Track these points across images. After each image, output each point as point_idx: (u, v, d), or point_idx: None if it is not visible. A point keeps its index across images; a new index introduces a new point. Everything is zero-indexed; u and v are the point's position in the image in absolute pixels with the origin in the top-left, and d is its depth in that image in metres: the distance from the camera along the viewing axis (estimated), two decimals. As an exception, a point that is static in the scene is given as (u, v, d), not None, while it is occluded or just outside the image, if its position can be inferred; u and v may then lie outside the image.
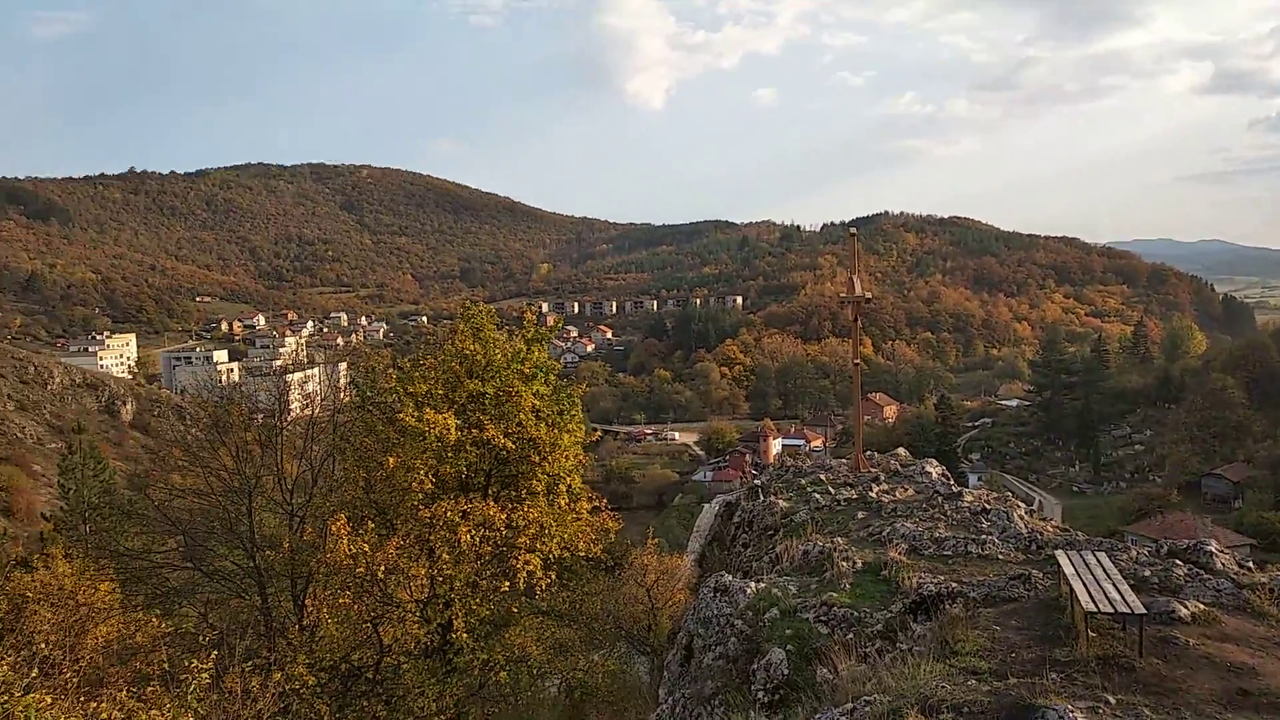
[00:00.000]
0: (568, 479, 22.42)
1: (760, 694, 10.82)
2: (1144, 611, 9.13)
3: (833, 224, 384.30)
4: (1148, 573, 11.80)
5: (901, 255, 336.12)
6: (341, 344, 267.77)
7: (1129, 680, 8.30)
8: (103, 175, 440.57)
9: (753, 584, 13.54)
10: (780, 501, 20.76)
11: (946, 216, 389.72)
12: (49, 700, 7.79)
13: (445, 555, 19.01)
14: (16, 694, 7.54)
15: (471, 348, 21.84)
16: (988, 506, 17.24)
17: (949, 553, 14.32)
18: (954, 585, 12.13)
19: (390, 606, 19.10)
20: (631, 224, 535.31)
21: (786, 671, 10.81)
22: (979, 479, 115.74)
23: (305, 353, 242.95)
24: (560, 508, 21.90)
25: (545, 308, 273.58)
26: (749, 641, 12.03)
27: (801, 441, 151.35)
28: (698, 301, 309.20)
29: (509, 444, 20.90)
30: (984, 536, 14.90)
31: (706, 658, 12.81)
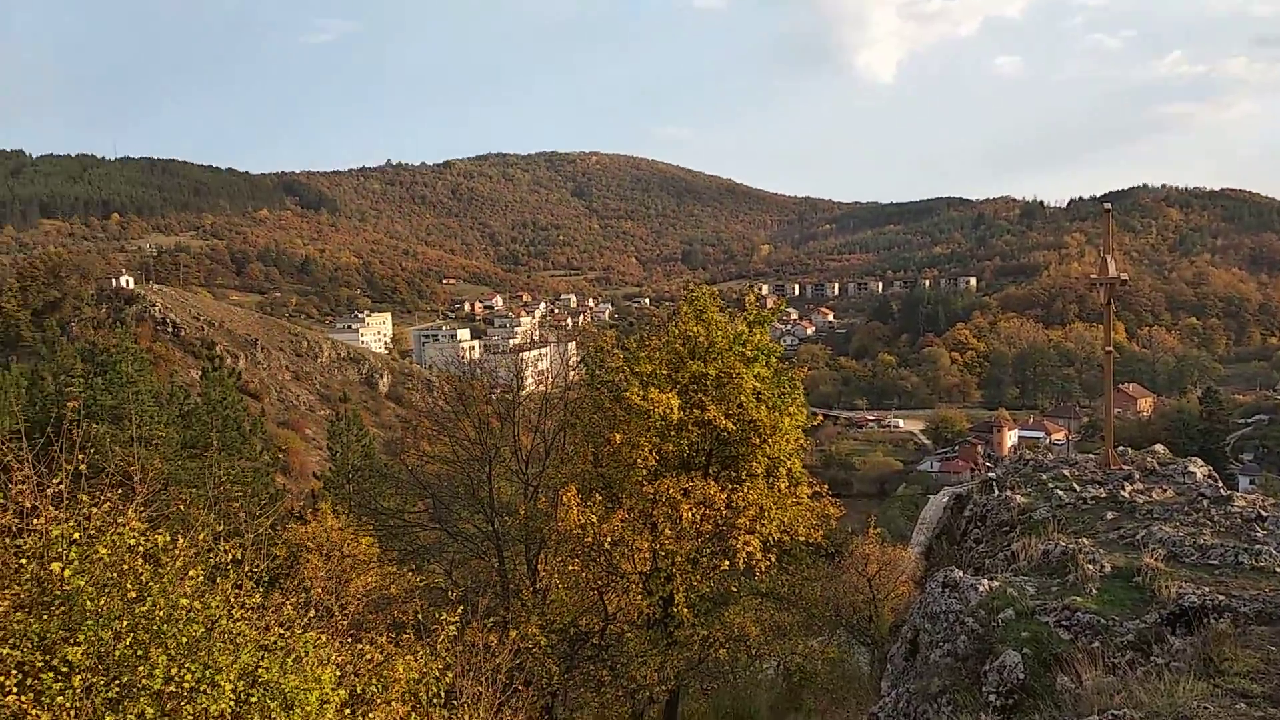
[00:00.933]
0: (788, 462, 22.27)
1: (991, 696, 10.28)
2: None
3: (1081, 199, 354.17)
4: None
5: (1162, 232, 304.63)
6: (570, 324, 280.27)
7: None
8: (364, 168, 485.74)
9: (985, 581, 12.87)
10: (1017, 497, 19.54)
11: (1217, 189, 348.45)
12: (323, 639, 8.80)
13: (667, 531, 19.48)
14: (298, 631, 8.57)
15: (694, 329, 22.12)
16: (1264, 513, 15.35)
17: (1215, 562, 12.91)
18: (1220, 598, 10.93)
19: (615, 576, 19.85)
20: (856, 203, 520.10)
21: (1022, 676, 10.20)
22: (1252, 482, 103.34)
23: (538, 332, 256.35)
24: (780, 491, 21.81)
25: (765, 289, 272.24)
26: (980, 641, 11.45)
27: (1040, 434, 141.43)
28: (926, 283, 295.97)
29: (730, 425, 21.04)
30: (1259, 546, 13.29)
31: (933, 654, 12.32)
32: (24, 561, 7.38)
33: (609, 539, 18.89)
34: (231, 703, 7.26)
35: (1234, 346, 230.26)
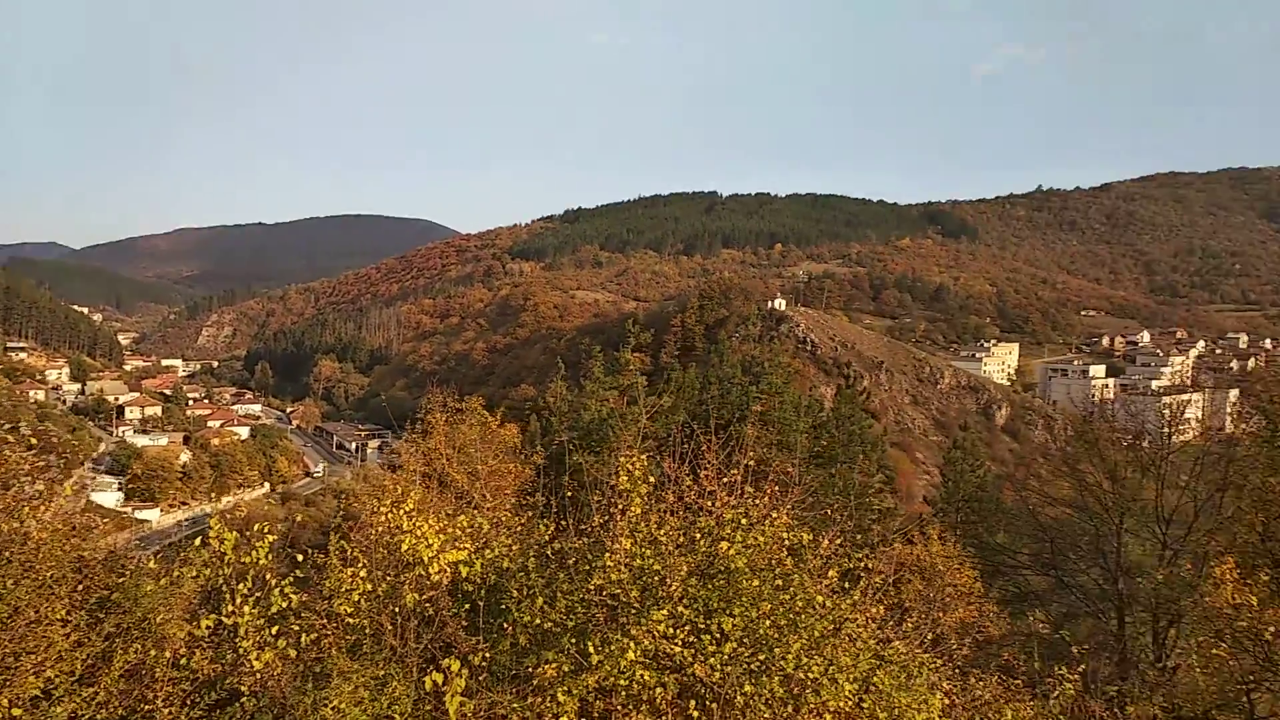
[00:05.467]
0: None
1: None
2: None
3: None
4: None
5: None
6: (1235, 368, 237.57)
7: None
8: (1010, 196, 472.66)
9: None
10: None
11: None
12: (938, 664, 9.05)
13: (1364, 636, 15.51)
14: (912, 650, 8.94)
15: None
16: None
17: None
18: None
19: (1272, 674, 16.47)
20: None
21: None
22: None
23: (1191, 374, 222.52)
24: None
25: None
26: None
27: None
28: None
29: None
30: None
31: None
32: (699, 536, 9.01)
33: (1272, 628, 15.74)
34: (850, 703, 7.89)
35: None
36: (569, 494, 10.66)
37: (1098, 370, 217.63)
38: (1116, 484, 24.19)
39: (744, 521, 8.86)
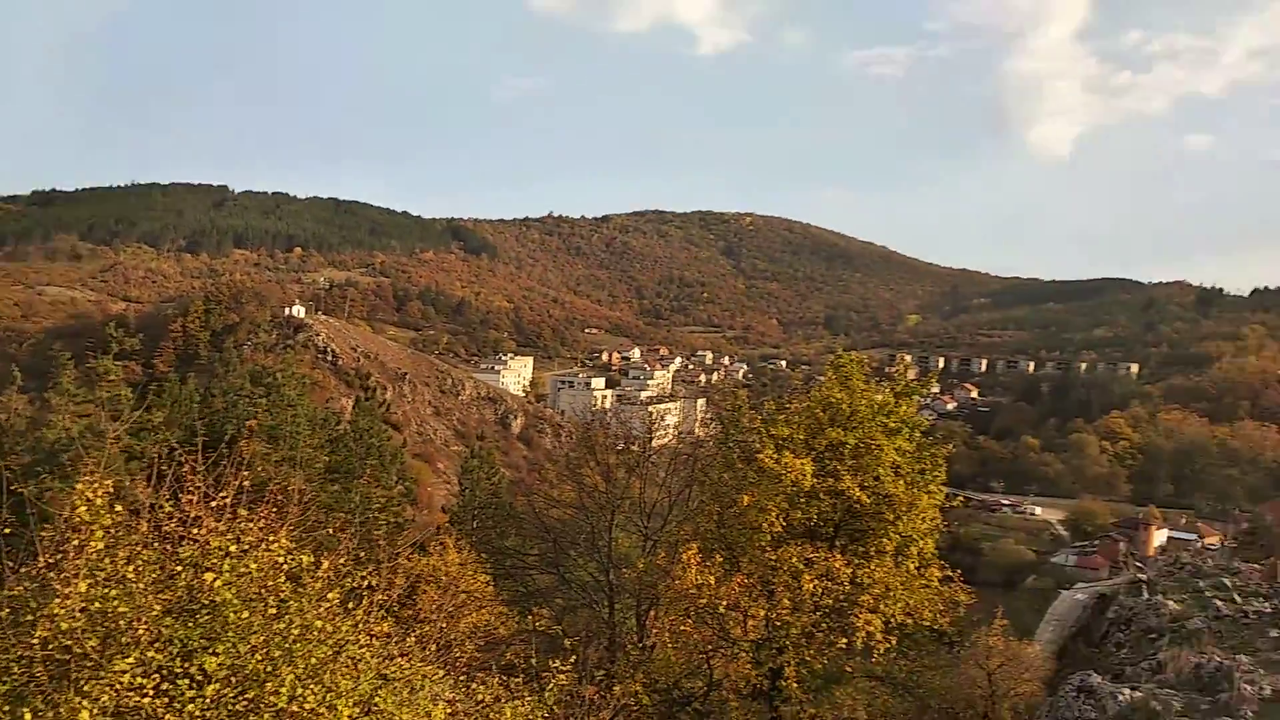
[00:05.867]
0: (921, 542, 21.49)
1: (1124, 823, 9.51)
2: None
3: (1266, 289, 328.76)
4: None
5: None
6: (703, 380, 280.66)
7: None
8: (527, 219, 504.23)
9: (1126, 691, 12.02)
10: (1169, 602, 18.21)
11: None
12: (439, 674, 9.08)
13: (785, 601, 19.07)
14: (416, 663, 8.86)
15: (837, 395, 21.80)
16: None
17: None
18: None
19: (725, 642, 19.52)
20: (1016, 278, 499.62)
21: (1160, 804, 9.40)
22: None
23: (671, 386, 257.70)
24: (909, 571, 21.05)
25: (908, 360, 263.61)
26: (1115, 759, 10.65)
27: (1192, 536, 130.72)
28: (1082, 366, 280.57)
29: (863, 498, 20.54)
30: None
31: (1061, 766, 11.54)
32: (180, 569, 7.97)
33: (724, 603, 18.65)
34: (347, 729, 7.54)
35: None
36: (8, 531, 8.78)
37: (599, 382, 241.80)
38: (610, 484, 26.92)
39: (234, 549, 8.07)
